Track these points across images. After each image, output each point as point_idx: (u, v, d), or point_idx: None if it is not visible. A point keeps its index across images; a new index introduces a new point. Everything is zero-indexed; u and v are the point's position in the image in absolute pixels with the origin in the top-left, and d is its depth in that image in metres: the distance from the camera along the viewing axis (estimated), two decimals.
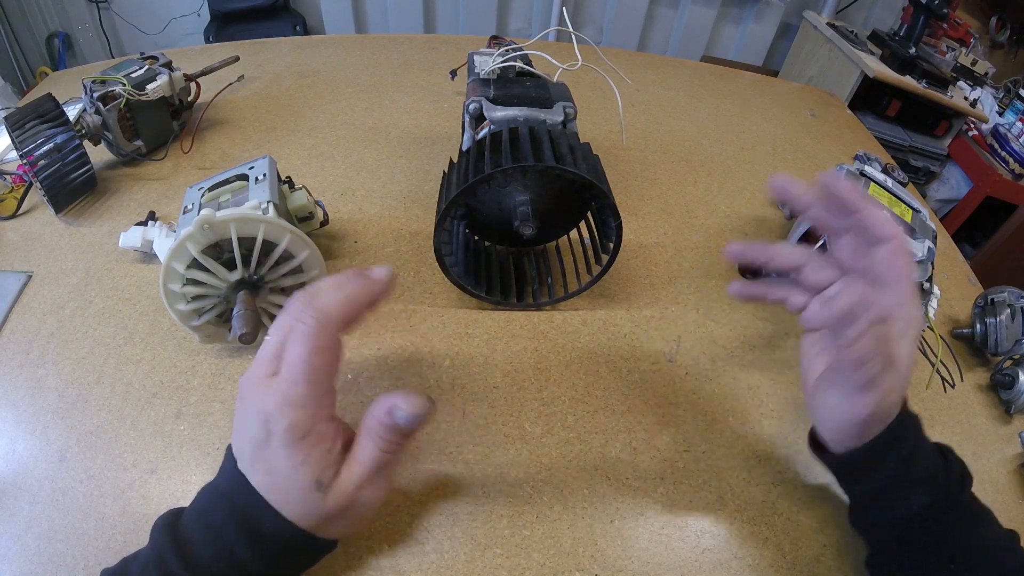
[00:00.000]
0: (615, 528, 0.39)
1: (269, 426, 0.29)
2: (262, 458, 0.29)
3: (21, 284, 0.50)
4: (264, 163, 0.50)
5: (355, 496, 0.30)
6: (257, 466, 0.30)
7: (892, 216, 0.50)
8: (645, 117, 0.84)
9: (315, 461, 0.29)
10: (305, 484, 0.29)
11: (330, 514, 0.30)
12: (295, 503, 0.30)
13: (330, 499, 0.30)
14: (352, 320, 0.31)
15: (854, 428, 0.34)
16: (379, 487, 0.32)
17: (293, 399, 0.29)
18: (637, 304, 0.54)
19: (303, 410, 0.29)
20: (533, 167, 0.41)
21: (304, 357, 0.29)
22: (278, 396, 0.29)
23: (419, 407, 0.30)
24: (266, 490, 0.30)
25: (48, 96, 0.55)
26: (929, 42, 1.71)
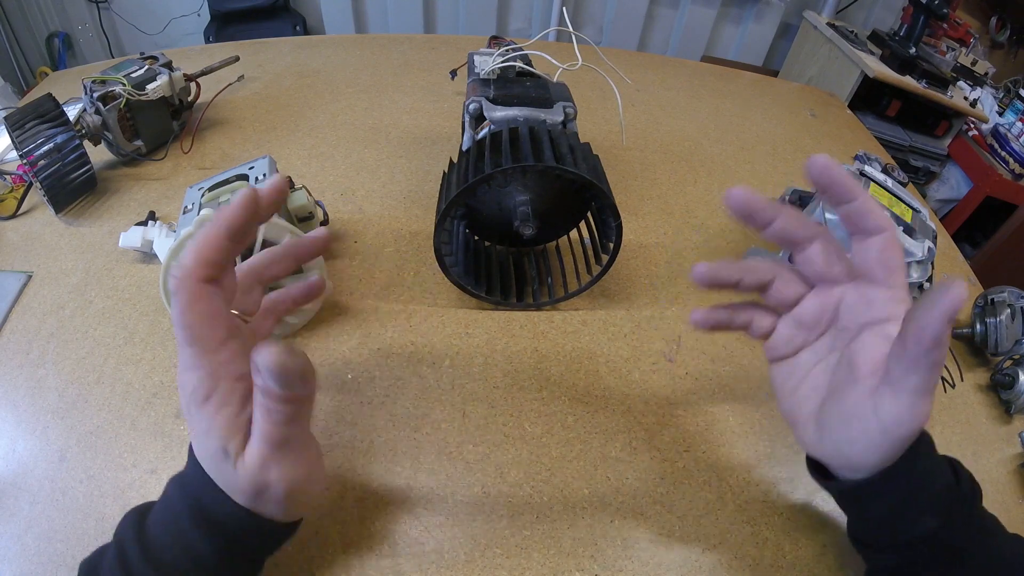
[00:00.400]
0: (615, 528, 0.39)
1: (183, 393, 0.28)
2: (190, 428, 0.28)
3: (21, 284, 0.50)
4: (264, 163, 0.50)
5: (262, 475, 0.28)
6: (193, 439, 0.29)
7: (891, 216, 0.50)
8: (645, 117, 0.84)
9: (219, 427, 0.27)
10: (214, 452, 0.28)
11: (247, 490, 0.28)
12: (215, 475, 0.28)
13: (241, 476, 0.28)
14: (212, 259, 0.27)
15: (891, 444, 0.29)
16: (290, 465, 0.29)
17: (185, 362, 0.28)
18: (637, 304, 0.54)
19: (195, 372, 0.27)
20: (533, 167, 0.41)
21: (177, 318, 0.27)
22: (179, 363, 0.28)
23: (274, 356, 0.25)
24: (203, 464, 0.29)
25: (48, 96, 0.55)
26: (929, 42, 1.71)
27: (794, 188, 0.66)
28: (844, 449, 0.31)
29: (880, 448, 0.29)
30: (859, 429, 0.29)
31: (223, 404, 0.27)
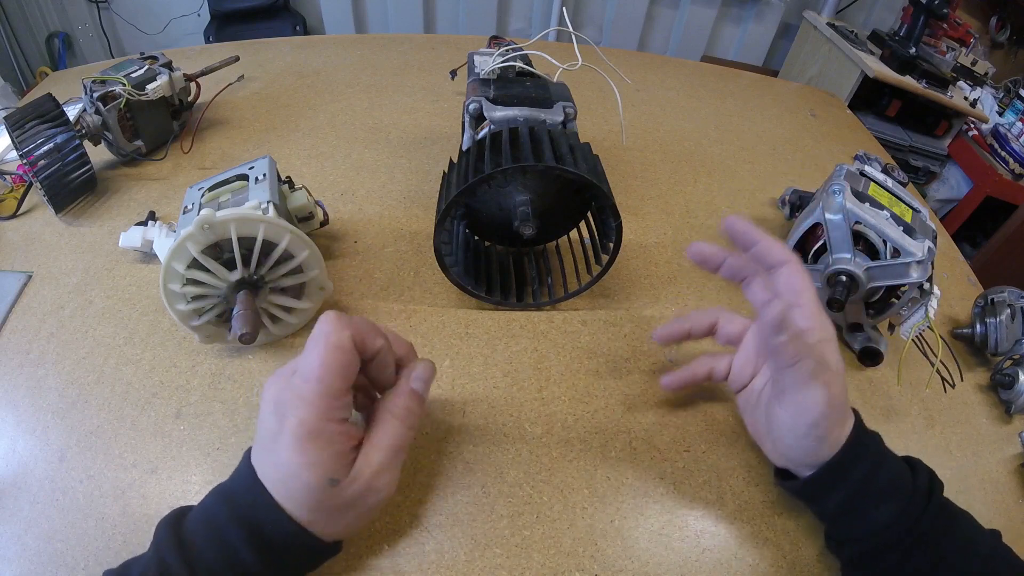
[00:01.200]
0: (615, 528, 0.39)
1: (282, 419, 0.30)
2: (272, 450, 0.30)
3: (21, 284, 0.50)
4: (264, 163, 0.50)
5: (373, 482, 0.31)
6: (267, 459, 0.30)
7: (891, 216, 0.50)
8: (645, 117, 0.84)
9: (326, 462, 0.30)
10: (315, 483, 0.29)
11: (346, 504, 0.31)
12: (303, 499, 0.30)
13: (347, 489, 0.30)
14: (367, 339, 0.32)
15: (816, 431, 0.35)
16: (394, 472, 0.33)
17: (304, 395, 0.29)
18: (637, 304, 0.54)
19: (313, 408, 0.29)
20: (533, 167, 0.41)
21: (318, 355, 0.30)
22: (292, 391, 0.30)
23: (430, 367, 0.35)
24: (272, 484, 0.30)
25: (48, 96, 0.55)
26: (929, 42, 1.71)
27: (794, 188, 0.66)
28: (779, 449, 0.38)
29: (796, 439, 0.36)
30: (783, 427, 0.37)
31: (331, 442, 0.30)
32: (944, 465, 0.47)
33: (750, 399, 0.41)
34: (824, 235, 0.50)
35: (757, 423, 0.40)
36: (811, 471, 0.37)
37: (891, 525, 0.34)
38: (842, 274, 0.48)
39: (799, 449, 0.37)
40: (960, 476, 0.46)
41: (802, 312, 0.35)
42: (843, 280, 0.48)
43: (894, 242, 0.47)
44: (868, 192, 0.51)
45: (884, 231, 0.48)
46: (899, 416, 0.50)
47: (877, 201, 0.51)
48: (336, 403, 0.30)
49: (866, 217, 0.48)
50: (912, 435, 0.49)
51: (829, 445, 0.35)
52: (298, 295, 0.45)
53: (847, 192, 0.49)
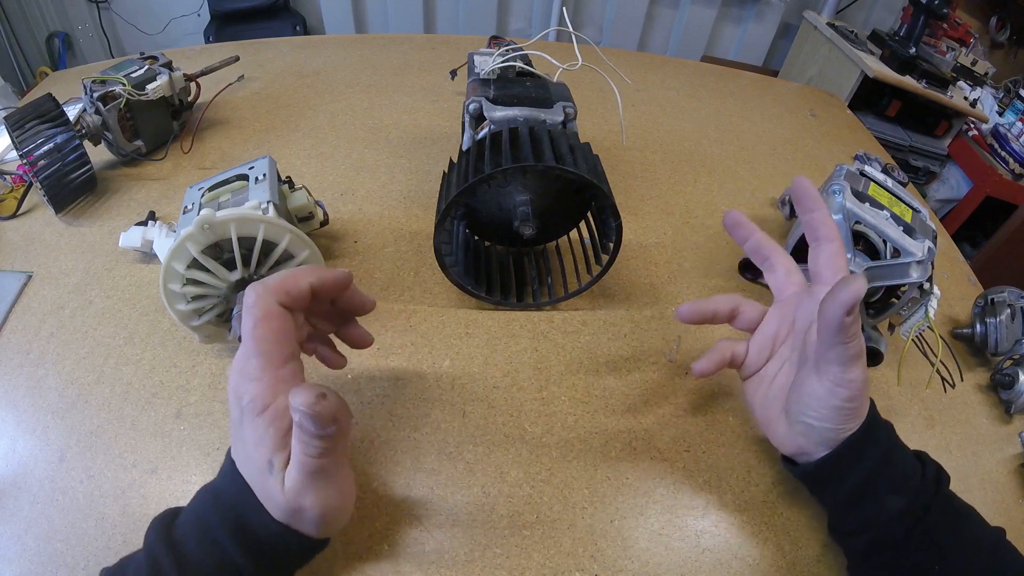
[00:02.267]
0: (615, 528, 0.39)
1: (240, 403, 0.29)
2: (239, 438, 0.30)
3: (21, 284, 0.50)
4: (264, 163, 0.50)
5: (297, 501, 0.29)
6: (237, 447, 0.30)
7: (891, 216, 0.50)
8: (645, 117, 0.84)
9: (269, 439, 0.29)
10: (260, 463, 0.29)
11: (284, 509, 0.29)
12: (256, 487, 0.29)
13: (277, 494, 0.29)
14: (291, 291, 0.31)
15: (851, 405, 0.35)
16: (323, 493, 0.30)
17: (248, 372, 0.29)
18: (637, 304, 0.54)
19: (259, 383, 0.29)
20: (533, 167, 0.41)
21: (249, 329, 0.30)
22: (237, 374, 0.30)
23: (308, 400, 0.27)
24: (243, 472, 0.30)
25: (48, 96, 0.55)
26: (929, 42, 1.71)
27: None
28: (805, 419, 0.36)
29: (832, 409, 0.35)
30: (811, 396, 0.35)
31: (277, 418, 0.29)
32: (944, 465, 0.47)
33: (762, 384, 0.41)
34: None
35: (769, 407, 0.39)
36: (826, 451, 0.36)
37: (900, 516, 0.34)
38: None
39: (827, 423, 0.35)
40: (960, 476, 0.46)
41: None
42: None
43: (894, 242, 0.47)
44: (868, 192, 0.51)
45: (884, 231, 0.48)
46: (899, 416, 0.50)
47: (877, 201, 0.51)
48: (282, 371, 0.30)
49: (866, 217, 0.48)
50: (912, 435, 0.49)
51: (856, 422, 0.35)
52: None
53: (847, 192, 0.49)
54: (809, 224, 0.39)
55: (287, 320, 0.31)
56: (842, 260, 0.38)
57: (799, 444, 0.37)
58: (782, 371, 0.40)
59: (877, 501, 0.35)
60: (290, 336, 0.31)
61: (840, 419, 0.35)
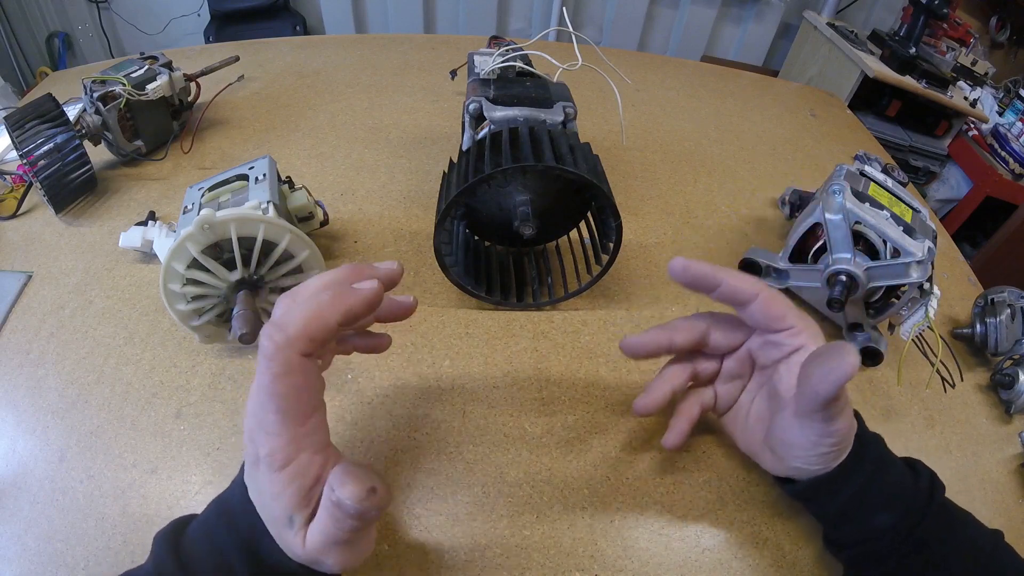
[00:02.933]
0: (615, 528, 0.39)
1: (256, 448, 0.27)
2: (254, 477, 0.28)
3: (21, 284, 0.50)
4: (264, 163, 0.50)
5: (318, 557, 0.28)
6: (252, 484, 0.29)
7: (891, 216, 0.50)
8: (645, 117, 0.84)
9: (289, 496, 0.27)
10: (278, 517, 0.28)
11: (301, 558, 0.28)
12: (274, 532, 0.29)
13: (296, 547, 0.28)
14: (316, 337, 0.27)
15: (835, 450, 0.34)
16: (346, 555, 0.29)
17: (266, 427, 0.27)
18: (637, 304, 0.54)
19: (279, 439, 0.27)
20: (533, 167, 0.41)
21: (265, 383, 0.26)
22: (253, 419, 0.27)
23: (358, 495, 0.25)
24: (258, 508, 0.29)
25: (48, 96, 0.55)
26: (929, 42, 1.71)
27: (794, 188, 0.66)
28: (792, 464, 0.36)
29: (819, 456, 0.34)
30: (796, 445, 0.35)
31: (298, 475, 0.27)
32: (944, 465, 0.47)
33: (738, 415, 0.40)
34: (824, 235, 0.50)
35: (751, 438, 0.39)
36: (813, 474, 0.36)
37: (891, 530, 0.34)
38: (842, 274, 0.48)
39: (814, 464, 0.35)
40: (960, 476, 0.46)
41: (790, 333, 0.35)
42: (843, 280, 0.48)
43: (894, 242, 0.47)
44: (868, 192, 0.51)
45: (884, 231, 0.48)
46: (899, 416, 0.50)
47: (877, 201, 0.51)
48: (302, 429, 0.28)
49: (866, 217, 0.48)
50: (912, 435, 0.49)
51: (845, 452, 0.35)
52: None
53: (847, 192, 0.49)
54: (722, 300, 0.35)
55: (311, 373, 0.27)
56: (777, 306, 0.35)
57: (786, 473, 0.37)
58: (755, 403, 0.39)
59: (868, 516, 0.34)
60: (314, 389, 0.28)
61: (827, 461, 0.34)
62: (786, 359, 0.35)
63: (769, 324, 0.35)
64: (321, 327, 0.27)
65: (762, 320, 0.35)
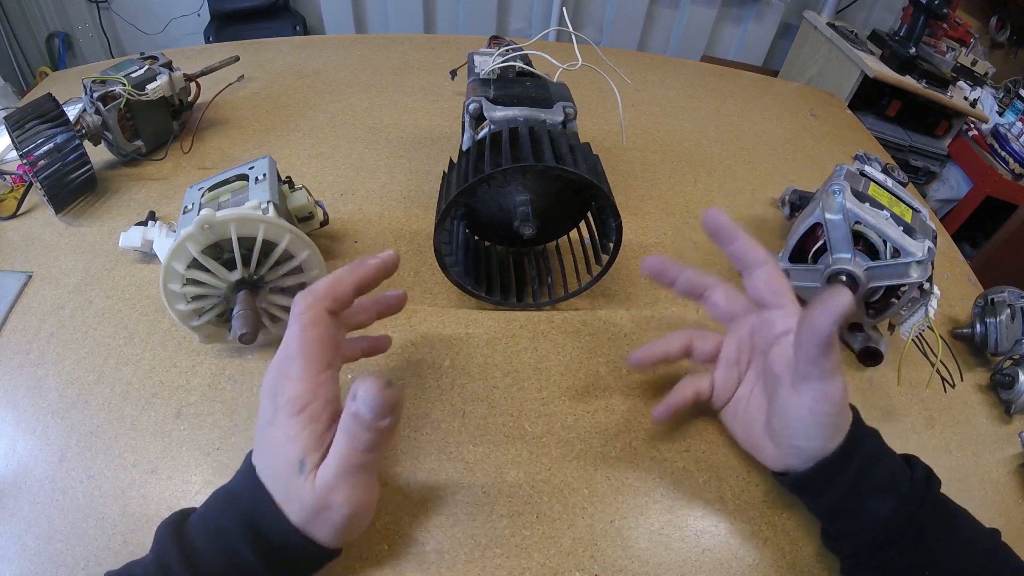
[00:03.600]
0: (615, 528, 0.39)
1: (276, 400, 0.30)
2: (266, 436, 0.30)
3: (21, 284, 0.50)
4: (264, 163, 0.50)
5: (327, 497, 0.29)
6: (262, 446, 0.31)
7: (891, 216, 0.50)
8: (645, 117, 0.84)
9: (304, 439, 0.30)
10: (291, 459, 0.29)
11: (309, 506, 0.29)
12: (281, 485, 0.30)
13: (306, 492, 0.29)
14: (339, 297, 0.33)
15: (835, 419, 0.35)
16: (353, 492, 0.30)
17: (290, 372, 0.30)
18: (637, 304, 0.54)
19: (301, 383, 0.30)
20: (533, 167, 0.41)
21: (295, 331, 0.31)
22: (278, 372, 0.31)
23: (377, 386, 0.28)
24: (264, 472, 0.30)
25: (48, 96, 0.55)
26: (929, 42, 1.71)
27: (794, 188, 0.66)
28: (793, 442, 0.36)
29: (818, 427, 0.35)
30: (795, 418, 0.36)
31: (313, 419, 0.30)
32: (944, 465, 0.47)
33: (738, 409, 0.41)
34: (824, 235, 0.50)
35: (751, 429, 0.40)
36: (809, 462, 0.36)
37: (888, 519, 0.34)
38: (842, 274, 0.48)
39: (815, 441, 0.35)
40: (960, 476, 0.46)
41: (783, 313, 0.37)
42: (843, 280, 0.48)
43: (894, 242, 0.47)
44: (868, 192, 0.51)
45: (884, 231, 0.48)
46: (899, 416, 0.50)
47: (877, 201, 0.51)
48: (322, 376, 0.31)
49: (866, 217, 0.48)
50: (912, 435, 0.49)
51: (842, 432, 0.35)
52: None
53: (847, 192, 0.49)
54: (734, 256, 0.38)
55: (332, 327, 0.32)
56: (780, 281, 0.37)
57: (787, 463, 0.38)
58: (754, 394, 0.40)
59: (863, 508, 0.35)
60: (334, 342, 0.32)
61: (827, 434, 0.35)
62: (778, 340, 0.37)
63: (767, 297, 0.37)
64: (342, 289, 0.33)
65: (763, 289, 0.37)
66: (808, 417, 0.35)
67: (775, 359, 0.37)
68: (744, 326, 0.40)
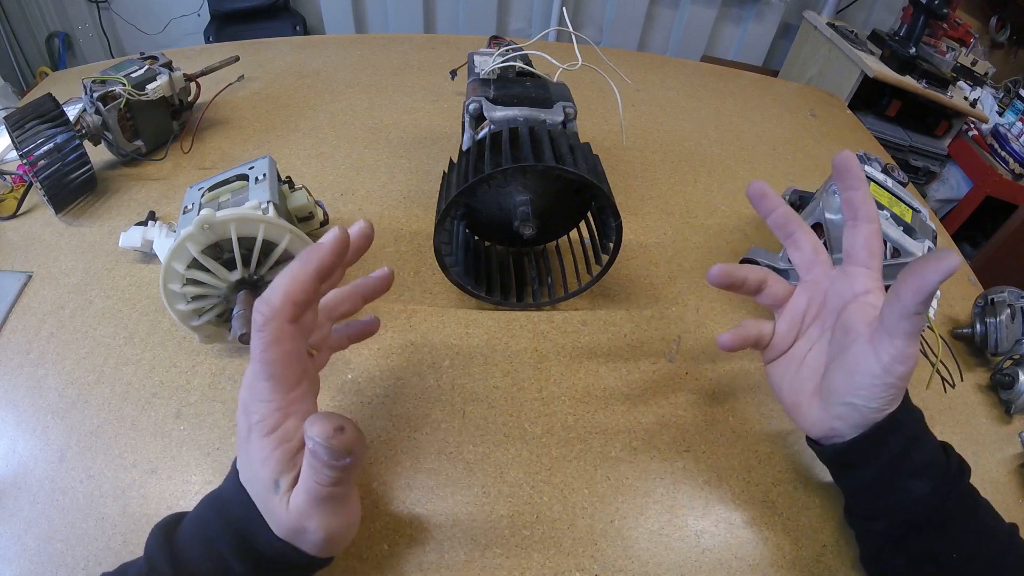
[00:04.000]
0: (615, 528, 0.39)
1: (249, 418, 0.29)
2: (244, 451, 0.30)
3: (21, 284, 0.50)
4: (264, 163, 0.50)
5: (300, 522, 0.29)
6: (242, 460, 0.30)
7: (891, 216, 0.50)
8: (645, 117, 0.84)
9: (277, 459, 0.28)
10: (265, 480, 0.29)
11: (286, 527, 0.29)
12: (260, 504, 0.29)
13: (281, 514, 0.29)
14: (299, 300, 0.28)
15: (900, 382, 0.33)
16: (328, 518, 0.29)
17: (258, 393, 0.29)
18: (637, 304, 0.54)
19: (269, 404, 0.29)
20: (533, 167, 0.41)
21: (257, 353, 0.28)
22: (247, 390, 0.29)
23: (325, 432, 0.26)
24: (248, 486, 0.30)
25: (48, 96, 0.55)
26: (929, 42, 1.71)
27: (794, 188, 0.66)
28: (855, 401, 0.34)
29: (884, 387, 0.33)
30: (864, 374, 0.34)
31: (285, 439, 0.29)
32: None
33: (791, 365, 0.39)
34: (824, 235, 0.50)
35: (799, 390, 0.38)
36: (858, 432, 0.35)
37: (923, 500, 0.34)
38: None
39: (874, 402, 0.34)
40: None
41: (870, 275, 0.37)
42: None
43: (894, 242, 0.47)
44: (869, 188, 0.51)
45: (884, 231, 0.48)
46: None
47: (877, 201, 0.51)
48: (292, 394, 0.29)
49: None
50: None
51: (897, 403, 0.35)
52: None
53: None
54: (850, 202, 0.37)
55: (297, 340, 0.29)
56: (879, 243, 0.37)
57: (832, 426, 0.36)
58: (812, 352, 0.38)
59: (902, 484, 0.34)
60: (301, 356, 0.30)
61: (888, 397, 0.34)
62: (857, 299, 0.36)
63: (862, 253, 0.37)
64: (299, 289, 0.28)
65: (862, 244, 0.37)
66: (880, 375, 0.33)
67: (852, 315, 0.36)
68: (821, 282, 0.39)
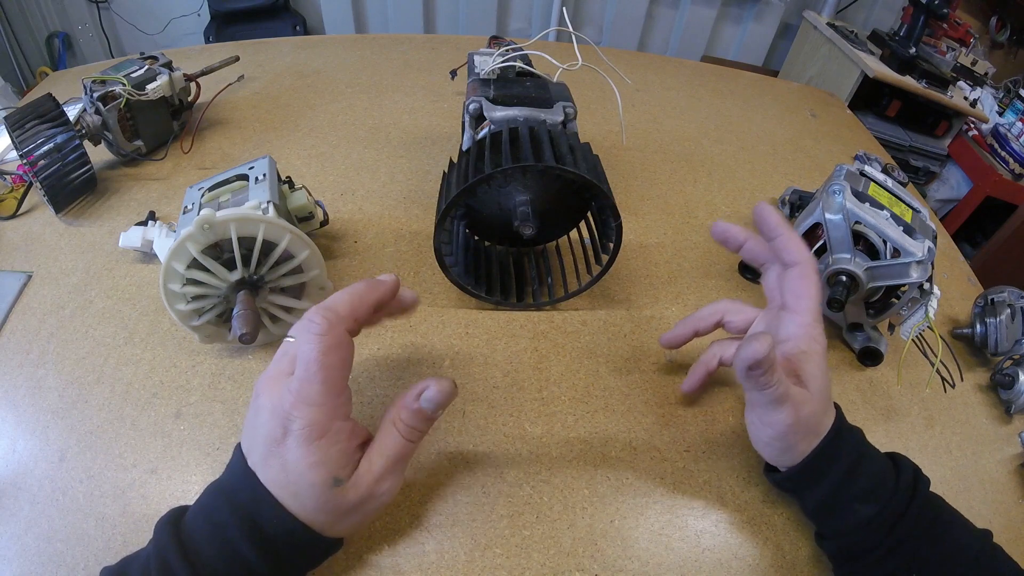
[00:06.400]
0: (615, 528, 0.39)
1: (287, 424, 0.29)
2: (276, 454, 0.30)
3: (21, 284, 0.50)
4: (264, 163, 0.50)
5: (374, 488, 0.31)
6: (271, 463, 0.30)
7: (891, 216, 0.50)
8: (645, 117, 0.84)
9: (332, 460, 0.30)
10: (321, 482, 0.30)
11: (348, 507, 0.31)
12: (308, 499, 0.30)
13: (350, 493, 0.30)
14: (359, 317, 0.32)
15: (779, 443, 0.36)
16: (396, 479, 0.33)
17: (309, 397, 0.29)
18: (637, 304, 0.54)
19: (319, 408, 0.30)
20: (533, 167, 0.41)
21: (315, 356, 0.29)
22: (294, 395, 0.30)
23: (446, 390, 0.32)
24: (278, 487, 0.30)
25: (48, 96, 0.55)
26: (929, 42, 1.71)
27: (794, 188, 0.66)
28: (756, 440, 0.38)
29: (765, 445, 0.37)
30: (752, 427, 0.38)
31: (339, 440, 0.30)
32: (944, 465, 0.47)
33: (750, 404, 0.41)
34: (824, 235, 0.50)
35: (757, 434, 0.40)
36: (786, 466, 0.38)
37: (872, 522, 0.34)
38: (842, 274, 0.48)
39: (766, 453, 0.38)
40: (960, 476, 0.46)
41: (794, 319, 0.36)
42: (843, 280, 0.48)
43: (894, 242, 0.47)
44: (868, 192, 0.51)
45: (884, 231, 0.48)
46: (899, 416, 0.50)
47: (877, 201, 0.51)
48: (340, 399, 0.31)
49: (866, 217, 0.48)
50: (912, 435, 0.49)
51: (793, 456, 0.36)
52: (298, 295, 0.45)
53: (847, 192, 0.49)
54: (775, 252, 0.38)
55: (350, 349, 0.32)
56: (804, 283, 0.37)
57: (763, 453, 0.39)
58: None
59: (846, 509, 0.35)
60: (350, 365, 0.32)
61: (776, 452, 0.37)
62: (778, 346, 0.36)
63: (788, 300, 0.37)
64: (362, 307, 0.33)
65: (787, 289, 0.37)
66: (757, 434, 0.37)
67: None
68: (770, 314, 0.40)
